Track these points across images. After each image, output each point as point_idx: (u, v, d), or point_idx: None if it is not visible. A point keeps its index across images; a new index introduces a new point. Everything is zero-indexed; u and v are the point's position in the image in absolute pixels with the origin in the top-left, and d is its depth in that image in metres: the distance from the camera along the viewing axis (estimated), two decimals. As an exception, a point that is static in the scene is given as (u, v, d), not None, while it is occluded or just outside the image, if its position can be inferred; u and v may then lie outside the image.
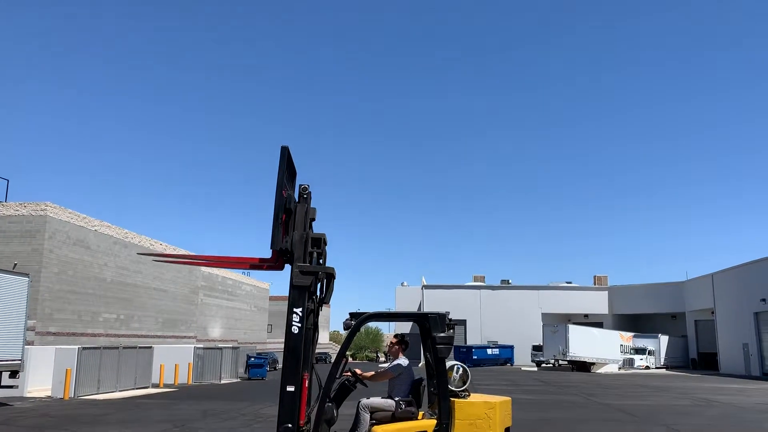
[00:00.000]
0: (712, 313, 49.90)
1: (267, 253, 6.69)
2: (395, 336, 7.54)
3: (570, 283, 67.30)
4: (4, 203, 28.25)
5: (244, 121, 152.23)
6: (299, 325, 6.45)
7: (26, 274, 19.31)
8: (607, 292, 63.91)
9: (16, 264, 26.12)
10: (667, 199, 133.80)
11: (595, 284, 66.55)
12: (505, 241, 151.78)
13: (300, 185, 6.71)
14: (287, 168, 6.55)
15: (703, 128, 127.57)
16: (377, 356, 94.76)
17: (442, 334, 6.58)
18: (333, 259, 7.31)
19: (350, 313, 6.94)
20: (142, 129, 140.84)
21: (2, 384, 17.64)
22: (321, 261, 6.73)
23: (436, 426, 6.29)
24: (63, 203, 33.09)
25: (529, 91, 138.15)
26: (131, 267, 35.60)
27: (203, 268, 47.57)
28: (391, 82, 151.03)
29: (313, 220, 6.80)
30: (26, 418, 15.20)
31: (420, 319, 6.85)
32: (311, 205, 6.76)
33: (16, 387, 18.60)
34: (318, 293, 6.87)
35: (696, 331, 55.12)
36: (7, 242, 27.58)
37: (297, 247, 6.54)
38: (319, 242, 6.63)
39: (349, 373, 7.07)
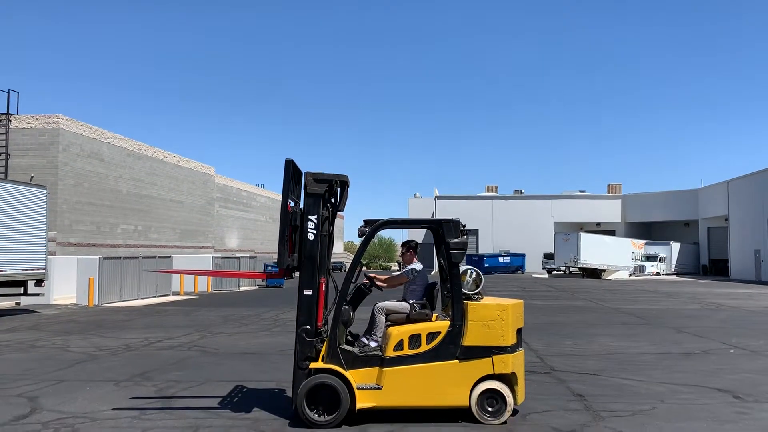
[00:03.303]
0: (726, 220, 49.89)
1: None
2: (402, 245, 7.62)
3: (583, 192, 67.10)
4: (16, 116, 28.20)
5: (259, 25, 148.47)
6: (314, 232, 6.55)
7: (43, 186, 19.52)
8: (620, 200, 63.75)
9: (33, 176, 26.41)
10: (684, 106, 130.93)
11: (609, 193, 66.32)
12: (518, 152, 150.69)
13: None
14: (292, 176, 6.67)
15: (718, 32, 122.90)
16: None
17: (455, 240, 6.63)
18: (347, 169, 7.35)
19: (365, 220, 6.99)
20: (153, 35, 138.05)
21: (29, 292, 18.26)
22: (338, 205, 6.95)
23: (449, 327, 6.45)
24: (74, 115, 32.95)
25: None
26: (146, 179, 35.88)
27: (218, 180, 47.89)
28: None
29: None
30: (55, 324, 15.82)
31: (434, 225, 6.89)
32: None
33: (42, 295, 19.26)
34: (332, 201, 6.93)
35: (708, 238, 55.33)
36: (22, 155, 27.76)
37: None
38: (331, 183, 6.71)
39: (365, 279, 7.20)
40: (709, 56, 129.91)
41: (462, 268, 6.72)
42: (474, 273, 6.84)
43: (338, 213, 7.15)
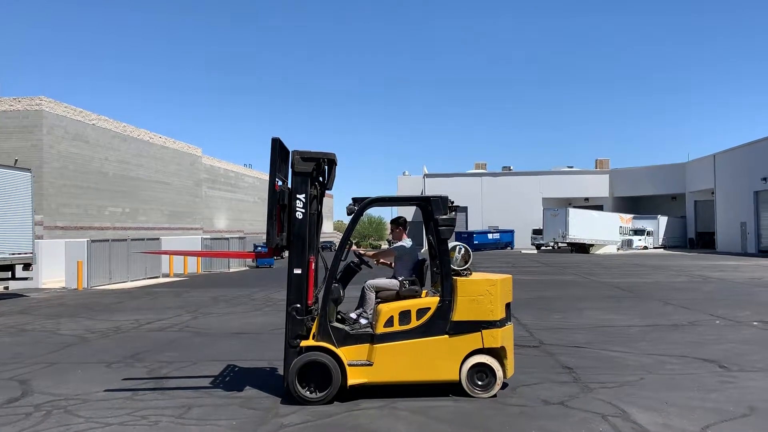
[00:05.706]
0: (712, 193, 50.30)
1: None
2: (391, 222, 7.64)
3: (571, 167, 67.31)
4: (-2, 98, 27.80)
5: (243, 2, 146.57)
6: (303, 210, 6.54)
7: (28, 169, 19.31)
8: (608, 175, 64.06)
9: (17, 160, 26.11)
10: (670, 80, 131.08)
11: (596, 168, 66.59)
12: (506, 128, 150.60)
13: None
14: (279, 154, 6.62)
15: (703, 8, 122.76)
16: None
17: (444, 216, 6.64)
18: (335, 148, 7.36)
19: (353, 199, 6.99)
20: (136, 15, 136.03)
21: (17, 276, 18.14)
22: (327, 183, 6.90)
23: (439, 303, 6.49)
24: (58, 97, 32.44)
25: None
26: (132, 161, 35.58)
27: (205, 160, 47.59)
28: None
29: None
30: (44, 308, 15.76)
31: (422, 202, 6.89)
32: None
33: (31, 279, 19.14)
34: (320, 179, 6.90)
35: (695, 212, 55.80)
36: (5, 138, 27.42)
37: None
38: (319, 161, 6.66)
39: (355, 256, 7.21)
40: (695, 33, 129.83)
41: (451, 244, 6.75)
42: (463, 249, 6.88)
43: (326, 192, 7.14)
